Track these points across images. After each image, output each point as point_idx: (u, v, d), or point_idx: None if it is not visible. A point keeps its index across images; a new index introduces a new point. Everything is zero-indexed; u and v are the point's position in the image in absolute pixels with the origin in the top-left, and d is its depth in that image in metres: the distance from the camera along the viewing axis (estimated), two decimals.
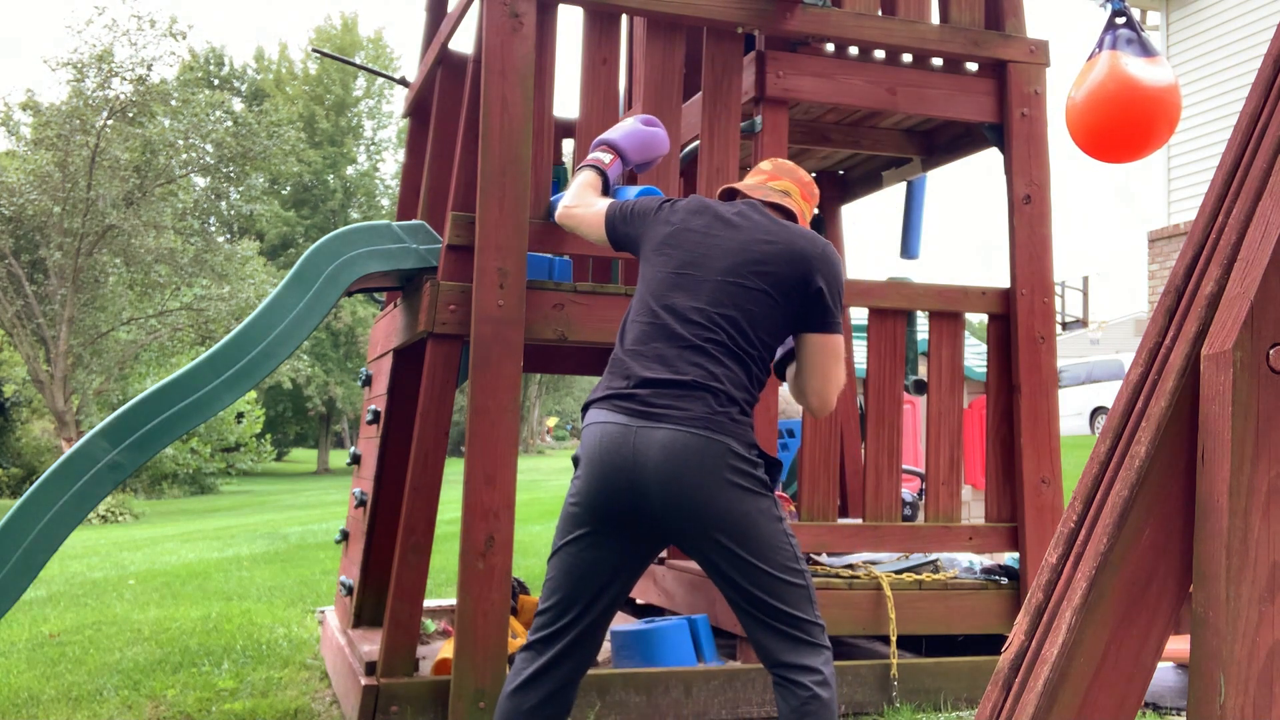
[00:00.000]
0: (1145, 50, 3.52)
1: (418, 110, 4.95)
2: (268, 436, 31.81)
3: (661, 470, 2.31)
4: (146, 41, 21.54)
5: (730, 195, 2.84)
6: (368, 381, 4.81)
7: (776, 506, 2.43)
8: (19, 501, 3.27)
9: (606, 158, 3.04)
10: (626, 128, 3.13)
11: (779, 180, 2.79)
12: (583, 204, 2.90)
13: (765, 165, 2.86)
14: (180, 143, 21.73)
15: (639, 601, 5.11)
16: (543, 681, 2.40)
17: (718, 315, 2.44)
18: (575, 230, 2.93)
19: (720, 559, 2.36)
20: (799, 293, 2.51)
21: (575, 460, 2.49)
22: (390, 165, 43.42)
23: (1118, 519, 1.27)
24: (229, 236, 30.01)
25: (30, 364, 21.13)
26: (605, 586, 2.42)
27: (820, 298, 2.52)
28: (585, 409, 2.52)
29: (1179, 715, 3.84)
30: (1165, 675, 3.96)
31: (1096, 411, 18.41)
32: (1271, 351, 1.22)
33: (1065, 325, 23.50)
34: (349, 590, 4.45)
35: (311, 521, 13.79)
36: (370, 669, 3.63)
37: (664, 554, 4.75)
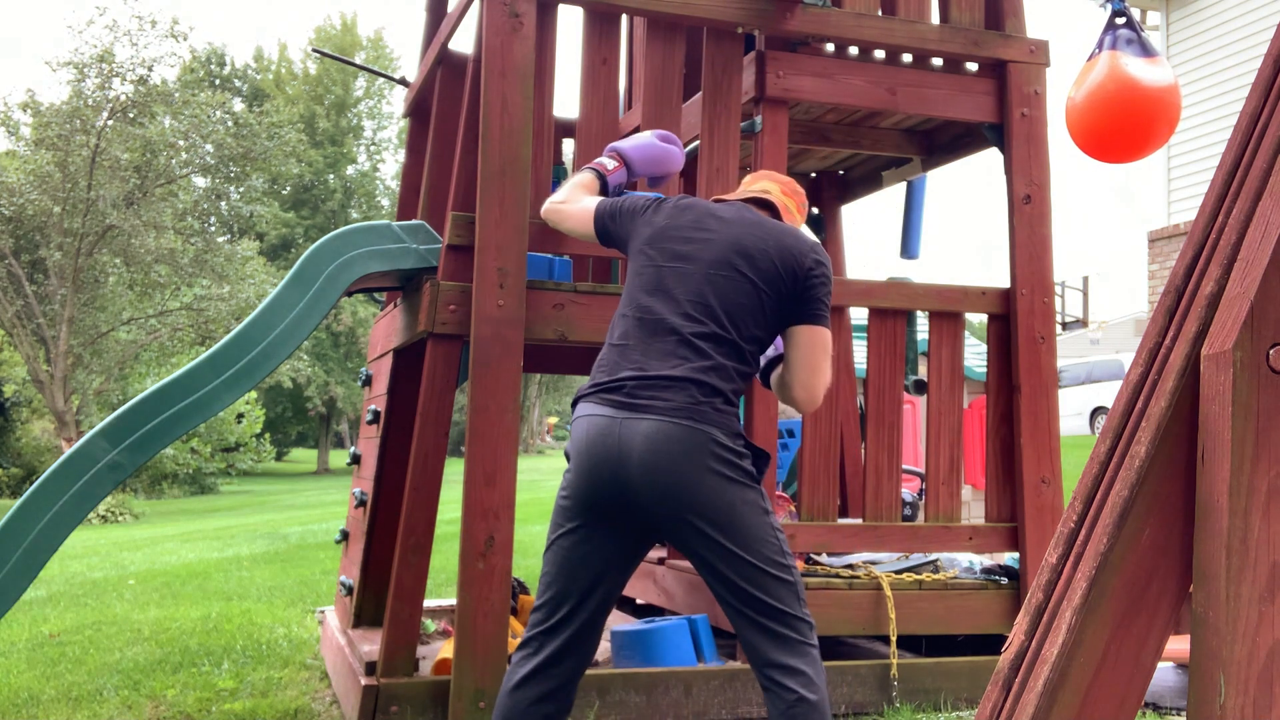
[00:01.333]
0: (1145, 50, 3.52)
1: (418, 110, 4.95)
2: (267, 436, 31.80)
3: (645, 460, 2.33)
4: (148, 42, 21.58)
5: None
6: (368, 381, 4.81)
7: (763, 499, 2.43)
8: (19, 501, 3.27)
9: (611, 164, 2.98)
10: (640, 140, 3.08)
11: (757, 182, 2.86)
12: (571, 200, 2.87)
13: (747, 178, 2.95)
14: (180, 143, 21.74)
15: (639, 601, 5.11)
16: (541, 678, 2.40)
17: (703, 306, 2.47)
18: (559, 225, 2.89)
19: (704, 549, 2.36)
20: (787, 285, 2.53)
21: (567, 455, 2.52)
22: (390, 165, 43.45)
23: (1118, 519, 1.27)
24: (229, 237, 29.99)
25: (30, 364, 21.13)
26: (598, 580, 2.43)
27: (809, 289, 2.54)
28: (574, 404, 2.55)
29: (1179, 715, 3.84)
30: (1165, 675, 3.96)
31: (1096, 411, 18.41)
32: (1271, 351, 1.22)
33: (1065, 325, 23.49)
34: (349, 590, 4.45)
35: (311, 521, 13.79)
36: (370, 669, 3.63)
37: (664, 553, 4.74)
